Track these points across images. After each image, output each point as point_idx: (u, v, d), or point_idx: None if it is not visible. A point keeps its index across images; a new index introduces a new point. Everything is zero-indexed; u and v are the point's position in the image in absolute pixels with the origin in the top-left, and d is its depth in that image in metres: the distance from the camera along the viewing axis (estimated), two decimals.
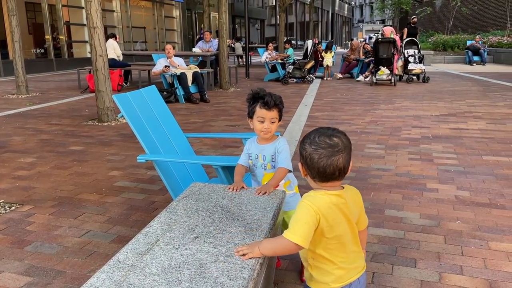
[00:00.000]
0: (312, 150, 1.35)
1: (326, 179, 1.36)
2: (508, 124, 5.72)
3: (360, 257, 1.49)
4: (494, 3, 23.79)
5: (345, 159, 1.34)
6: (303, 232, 1.33)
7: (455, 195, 3.27)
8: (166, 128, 2.90)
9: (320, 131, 1.39)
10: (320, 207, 1.35)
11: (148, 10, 22.43)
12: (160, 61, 8.50)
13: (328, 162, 1.33)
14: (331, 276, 1.42)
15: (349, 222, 1.42)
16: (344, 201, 1.39)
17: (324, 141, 1.34)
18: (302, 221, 1.33)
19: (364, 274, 1.48)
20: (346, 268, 1.42)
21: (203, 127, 6.02)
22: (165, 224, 1.67)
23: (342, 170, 1.35)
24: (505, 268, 2.25)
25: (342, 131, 1.41)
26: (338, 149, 1.33)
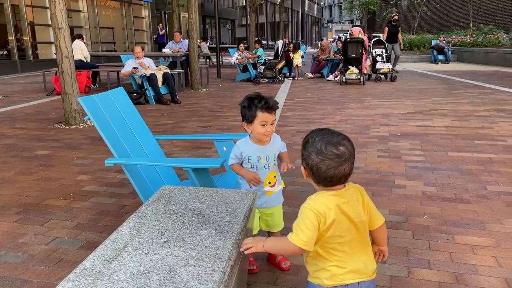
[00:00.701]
0: (319, 160, 1.34)
1: (332, 185, 1.38)
2: (471, 121, 5.92)
3: (366, 262, 1.44)
4: (457, 4, 24.63)
5: (351, 166, 1.36)
6: (307, 236, 1.35)
7: (422, 191, 3.36)
8: (135, 130, 2.86)
9: (326, 139, 1.35)
10: (321, 209, 1.36)
11: (116, 10, 22.01)
12: (128, 62, 8.35)
13: (336, 172, 1.33)
14: (325, 273, 1.42)
15: (352, 222, 1.39)
16: (345, 200, 1.39)
17: (331, 151, 1.33)
18: (305, 225, 1.35)
19: (369, 281, 1.43)
20: (344, 268, 1.40)
21: (174, 128, 5.95)
22: (133, 229, 1.64)
23: (348, 176, 1.37)
24: (470, 261, 2.33)
25: (346, 136, 1.39)
26: (345, 158, 1.33)
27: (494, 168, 3.86)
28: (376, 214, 1.49)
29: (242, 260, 1.78)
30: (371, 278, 1.44)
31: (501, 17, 21.55)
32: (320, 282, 1.43)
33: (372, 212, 1.47)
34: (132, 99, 7.83)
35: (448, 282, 2.14)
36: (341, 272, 1.40)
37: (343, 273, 1.40)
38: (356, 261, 1.41)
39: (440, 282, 2.14)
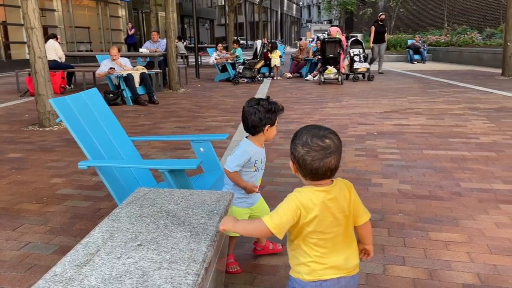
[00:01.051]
0: (305, 152, 1.36)
1: (318, 178, 1.39)
2: (446, 119, 6.05)
3: (348, 258, 1.44)
4: (432, 4, 25.13)
5: (337, 160, 1.36)
6: (280, 221, 1.37)
7: (397, 189, 3.41)
8: (109, 132, 2.81)
9: (312, 132, 1.38)
10: (304, 203, 1.37)
11: (92, 9, 21.63)
12: (104, 62, 8.23)
13: (321, 164, 1.34)
14: (305, 268, 1.43)
15: (337, 219, 1.40)
16: (332, 197, 1.39)
17: (317, 143, 1.35)
18: (283, 211, 1.38)
19: (349, 277, 1.44)
20: (323, 264, 1.41)
21: (151, 129, 5.89)
22: (106, 233, 1.61)
23: (334, 170, 1.37)
24: (444, 257, 2.38)
25: (333, 130, 1.41)
26: (331, 151, 1.34)
27: (467, 165, 3.95)
28: (361, 211, 1.49)
29: (218, 261, 1.77)
30: (351, 274, 1.45)
31: (475, 18, 22.11)
32: (300, 277, 1.44)
33: (358, 208, 1.48)
34: (109, 100, 7.83)
35: (422, 278, 2.18)
36: (320, 268, 1.41)
37: (322, 268, 1.41)
38: (338, 257, 1.43)
39: (414, 279, 2.18)
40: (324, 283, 1.40)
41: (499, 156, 4.22)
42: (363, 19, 31.61)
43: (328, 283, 1.40)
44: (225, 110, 7.33)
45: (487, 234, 2.62)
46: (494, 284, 2.11)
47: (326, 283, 1.40)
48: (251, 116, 2.07)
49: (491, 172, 3.74)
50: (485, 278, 2.16)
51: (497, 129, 5.37)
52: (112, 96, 7.93)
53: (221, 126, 6.03)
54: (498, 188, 3.36)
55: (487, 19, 20.96)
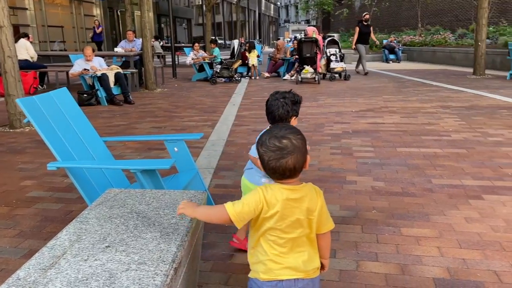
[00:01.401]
0: (263, 152, 1.37)
1: (277, 178, 1.40)
2: (419, 117, 6.17)
3: (306, 261, 1.43)
4: (406, 5, 25.59)
5: (295, 160, 1.35)
6: (241, 210, 1.38)
7: (371, 186, 3.46)
8: (80, 132, 2.75)
9: (272, 132, 1.38)
10: (269, 198, 1.37)
11: (66, 8, 21.19)
12: (78, 61, 8.06)
13: (277, 164, 1.35)
14: (262, 266, 1.42)
15: (299, 220, 1.40)
16: (297, 197, 1.39)
17: (274, 143, 1.35)
18: (246, 201, 1.39)
19: (307, 280, 1.43)
20: (280, 264, 1.40)
21: (126, 129, 5.80)
22: (74, 235, 1.58)
23: (294, 170, 1.37)
24: (415, 252, 2.42)
25: (296, 130, 1.41)
26: (287, 151, 1.34)
27: (438, 162, 4.04)
28: (325, 220, 1.47)
29: (191, 261, 1.76)
30: (310, 277, 1.44)
31: (447, 18, 22.62)
32: (257, 276, 1.43)
33: (322, 217, 1.45)
34: (83, 100, 7.68)
35: (394, 273, 2.22)
36: (277, 267, 1.40)
37: (279, 268, 1.40)
38: (296, 259, 1.42)
39: (386, 274, 2.21)
40: (280, 284, 1.40)
41: (469, 152, 4.33)
42: (340, 19, 31.98)
43: (284, 284, 1.39)
44: (202, 110, 7.29)
45: (457, 229, 2.68)
46: (463, 277, 2.16)
47: (282, 284, 1.39)
48: (279, 109, 2.13)
49: (462, 169, 3.83)
50: (454, 272, 2.21)
51: (468, 126, 5.51)
52: (86, 96, 7.79)
53: (198, 126, 5.99)
54: (468, 184, 3.45)
55: (459, 20, 21.48)
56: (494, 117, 6.05)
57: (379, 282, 2.14)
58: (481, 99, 7.71)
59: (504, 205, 3.03)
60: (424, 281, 2.14)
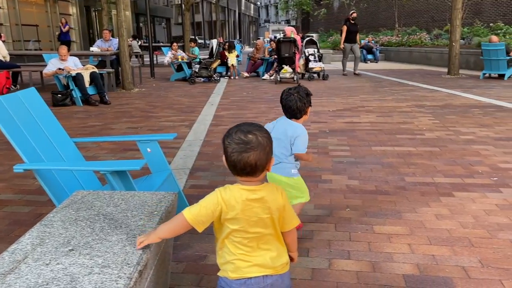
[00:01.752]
0: (227, 144, 1.37)
1: (238, 173, 1.39)
2: (394, 117, 6.26)
3: (274, 257, 1.44)
4: (384, 6, 25.96)
5: (257, 156, 1.35)
6: (198, 213, 1.38)
7: (346, 185, 3.49)
8: (49, 133, 2.69)
9: (240, 126, 1.40)
10: (227, 198, 1.37)
11: (40, 7, 20.74)
12: (52, 61, 7.89)
13: (238, 157, 1.35)
14: (230, 265, 1.42)
15: (262, 219, 1.40)
16: (257, 197, 1.39)
17: (239, 137, 1.36)
18: (203, 204, 1.39)
19: (276, 276, 1.44)
20: (248, 262, 1.41)
21: (102, 130, 5.71)
22: (37, 239, 1.54)
23: (254, 167, 1.36)
24: (386, 249, 2.45)
25: (264, 129, 1.41)
26: (251, 146, 1.35)
27: (412, 161, 4.10)
28: (289, 218, 1.47)
29: (161, 263, 1.73)
30: (279, 273, 1.45)
31: (424, 19, 23.04)
32: (226, 275, 1.43)
33: (287, 215, 1.46)
34: (57, 101, 7.53)
35: (366, 271, 2.24)
36: (245, 265, 1.41)
37: (247, 266, 1.41)
38: (263, 256, 1.43)
39: (358, 271, 2.23)
40: (248, 281, 1.40)
41: (442, 151, 4.42)
42: (319, 19, 32.20)
43: (253, 281, 1.40)
44: (180, 110, 7.23)
45: (427, 226, 2.73)
46: (432, 273, 2.20)
47: (250, 281, 1.40)
48: (296, 103, 2.47)
49: (434, 167, 3.90)
50: (424, 268, 2.25)
51: (441, 125, 5.62)
52: (61, 96, 7.63)
53: (175, 126, 5.94)
54: (439, 182, 3.52)
55: (435, 20, 21.91)
56: (467, 116, 6.19)
57: (351, 279, 2.16)
58: (455, 98, 7.88)
59: (474, 201, 3.10)
60: (395, 278, 2.16)
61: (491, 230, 2.65)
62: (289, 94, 2.48)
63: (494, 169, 3.79)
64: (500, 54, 10.45)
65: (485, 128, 5.40)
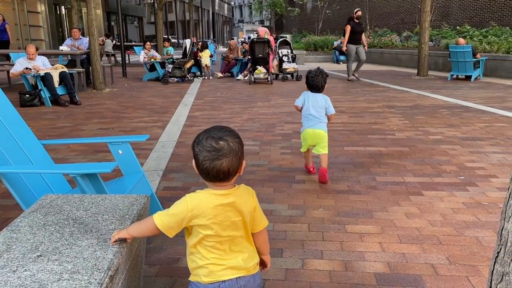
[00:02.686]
0: (198, 151, 1.35)
1: (210, 180, 1.38)
2: (366, 117, 6.38)
3: (246, 259, 1.45)
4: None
5: (229, 163, 1.34)
6: (168, 220, 1.38)
7: (319, 185, 3.53)
8: (15, 135, 2.60)
9: (210, 132, 1.37)
10: (197, 205, 1.36)
11: (6, 4, 20.04)
12: (19, 60, 7.65)
13: (211, 165, 1.33)
14: (203, 270, 1.42)
15: (234, 222, 1.40)
16: (229, 201, 1.38)
17: (210, 144, 1.33)
18: (173, 212, 1.38)
19: (248, 276, 1.45)
20: (221, 265, 1.41)
21: (72, 131, 5.57)
22: (3, 245, 1.49)
23: (227, 173, 1.35)
24: (358, 248, 2.50)
25: (234, 133, 1.39)
26: (223, 153, 1.33)
27: (383, 160, 4.19)
28: (259, 219, 1.49)
29: (133, 267, 1.71)
30: (251, 273, 1.46)
31: (394, 21, 23.56)
32: (199, 280, 1.43)
33: (257, 216, 1.48)
34: (25, 101, 7.31)
35: (338, 270, 2.27)
36: (218, 269, 1.41)
37: (220, 269, 1.41)
38: (236, 258, 1.43)
39: (331, 271, 2.26)
40: (222, 284, 1.40)
41: (412, 150, 4.53)
42: (292, 19, 32.42)
43: (227, 284, 1.41)
44: (153, 111, 7.14)
45: (398, 224, 2.80)
46: (402, 271, 2.26)
47: (224, 284, 1.40)
48: (321, 82, 3.84)
49: (404, 166, 4.00)
50: (394, 266, 2.30)
51: (411, 125, 5.76)
52: (29, 97, 7.41)
53: (148, 127, 5.87)
54: (409, 181, 3.61)
55: (405, 23, 22.43)
56: (435, 116, 6.37)
57: (324, 279, 2.19)
58: (424, 99, 8.09)
59: (442, 200, 3.20)
60: (366, 277, 2.21)
61: (458, 228, 2.74)
62: (315, 76, 3.85)
63: (461, 168, 3.92)
64: (467, 56, 10.80)
65: (452, 128, 5.57)
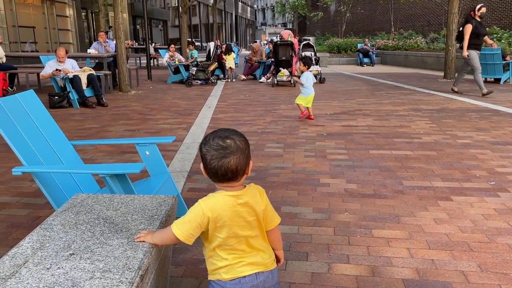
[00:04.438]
0: (206, 151, 1.37)
1: (219, 180, 1.39)
2: (391, 120, 6.28)
3: (264, 255, 1.48)
4: (380, 9, 26.08)
5: (237, 161, 1.35)
6: (186, 229, 1.40)
7: (344, 188, 3.49)
8: (47, 136, 2.67)
9: (216, 133, 1.40)
10: (211, 209, 1.37)
11: (37, 8, 20.67)
12: (49, 63, 7.86)
13: (219, 163, 1.34)
14: (223, 268, 1.44)
15: (248, 222, 1.42)
16: (243, 202, 1.40)
17: (217, 143, 1.36)
18: (189, 218, 1.40)
19: (267, 272, 1.47)
20: (241, 261, 1.43)
21: (99, 132, 5.69)
22: (37, 243, 1.53)
23: (235, 172, 1.36)
24: (385, 253, 2.46)
25: (240, 133, 1.42)
26: (230, 151, 1.35)
27: (409, 164, 4.11)
28: (271, 217, 1.51)
29: (161, 267, 1.73)
30: (269, 269, 1.48)
31: (420, 23, 23.17)
32: (219, 277, 1.44)
33: (269, 213, 1.50)
34: (54, 103, 7.50)
35: (365, 275, 2.24)
36: (238, 265, 1.43)
37: (240, 266, 1.43)
38: (255, 255, 1.46)
39: (357, 276, 2.23)
40: (243, 280, 1.42)
41: (439, 154, 4.43)
42: (315, 22, 32.27)
43: (247, 279, 1.43)
44: (177, 113, 7.22)
45: (426, 230, 2.74)
46: (431, 278, 2.20)
47: (245, 279, 1.42)
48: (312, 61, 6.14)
49: (432, 170, 3.92)
50: (423, 272, 2.25)
51: (438, 129, 5.64)
52: (58, 98, 7.60)
53: (173, 129, 5.93)
54: (437, 186, 3.53)
55: (431, 24, 22.03)
56: (463, 120, 6.22)
57: (350, 284, 2.16)
58: (451, 102, 7.91)
59: (472, 206, 3.11)
60: (394, 283, 2.16)
61: (489, 234, 2.66)
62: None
63: (491, 173, 3.81)
64: (496, 59, 10.52)
65: (481, 132, 5.43)
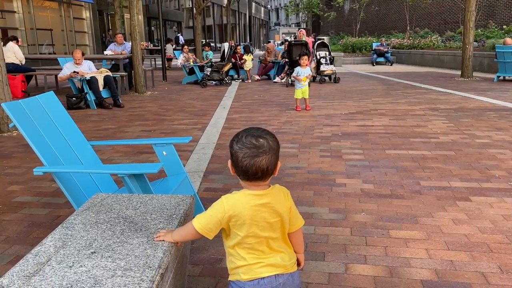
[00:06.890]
0: (238, 148, 1.37)
1: (249, 178, 1.39)
2: (407, 120, 6.22)
3: (284, 257, 1.47)
4: (395, 8, 25.82)
5: (268, 161, 1.36)
6: (206, 223, 1.41)
7: (360, 189, 3.47)
8: (67, 136, 2.72)
9: (249, 131, 1.40)
10: (233, 206, 1.38)
11: (54, 11, 21.01)
12: (67, 65, 7.99)
13: (251, 162, 1.35)
14: (242, 268, 1.44)
15: (270, 223, 1.42)
16: (266, 201, 1.40)
17: (250, 141, 1.36)
18: (210, 214, 1.42)
19: (287, 275, 1.46)
20: (261, 262, 1.43)
21: (116, 133, 5.76)
22: (59, 241, 1.56)
23: (266, 171, 1.37)
24: (403, 254, 2.44)
25: (272, 133, 1.42)
26: (263, 150, 1.35)
27: (427, 164, 4.07)
28: (295, 219, 1.50)
29: (179, 266, 1.75)
30: (289, 272, 1.47)
31: (436, 21, 22.88)
32: (238, 278, 1.45)
33: (293, 216, 1.49)
34: (72, 104, 7.62)
35: (383, 276, 2.22)
36: (257, 266, 1.43)
37: (259, 267, 1.43)
38: (275, 256, 1.45)
39: (375, 277, 2.22)
40: (261, 281, 1.42)
41: (457, 154, 4.37)
42: (329, 22, 32.11)
43: (266, 281, 1.42)
44: (192, 113, 7.27)
45: (444, 230, 2.70)
46: (450, 279, 2.18)
47: (263, 281, 1.42)
48: None
49: (450, 171, 3.86)
50: (442, 274, 2.23)
51: (456, 128, 5.56)
52: (75, 99, 7.72)
53: (188, 129, 5.97)
54: (455, 186, 3.48)
55: (447, 23, 21.73)
56: (481, 119, 6.12)
57: (368, 285, 2.15)
58: (469, 101, 7.80)
59: (491, 206, 3.06)
60: (412, 283, 2.15)
61: (510, 235, 2.61)
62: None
63: (511, 174, 3.74)
64: None
65: (501, 131, 5.33)
